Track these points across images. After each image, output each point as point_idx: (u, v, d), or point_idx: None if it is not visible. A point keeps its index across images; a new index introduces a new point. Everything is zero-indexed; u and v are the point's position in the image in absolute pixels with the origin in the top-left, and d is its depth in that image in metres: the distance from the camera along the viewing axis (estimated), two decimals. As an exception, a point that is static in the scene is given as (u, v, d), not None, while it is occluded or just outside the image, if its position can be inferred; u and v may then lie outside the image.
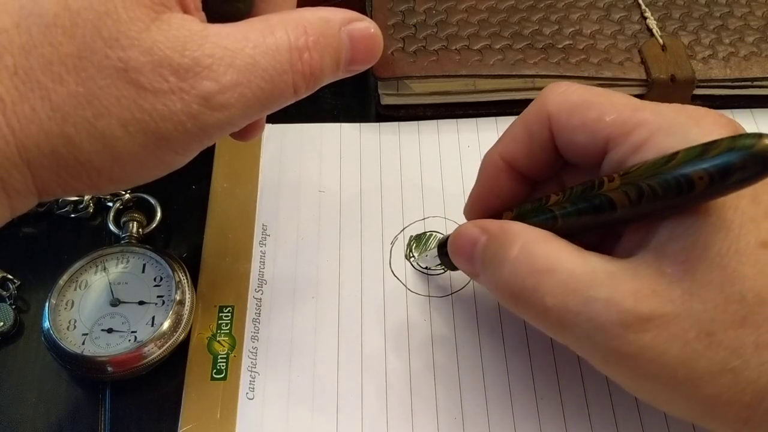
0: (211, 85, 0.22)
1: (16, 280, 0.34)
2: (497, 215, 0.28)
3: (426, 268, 0.34)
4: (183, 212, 0.36)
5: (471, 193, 0.30)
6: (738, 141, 0.20)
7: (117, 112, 0.21)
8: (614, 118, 0.24)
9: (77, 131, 0.21)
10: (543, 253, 0.24)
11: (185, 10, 0.23)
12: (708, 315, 0.21)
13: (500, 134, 0.28)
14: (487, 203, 0.29)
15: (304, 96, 0.25)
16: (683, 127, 0.22)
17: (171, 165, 0.24)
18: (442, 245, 0.30)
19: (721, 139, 0.20)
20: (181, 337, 0.31)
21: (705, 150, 0.20)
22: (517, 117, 0.28)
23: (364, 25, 0.25)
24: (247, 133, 0.30)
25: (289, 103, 0.25)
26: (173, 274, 0.32)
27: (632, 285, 0.22)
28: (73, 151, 0.21)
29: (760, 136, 0.19)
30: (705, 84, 0.38)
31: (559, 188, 0.25)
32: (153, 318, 0.31)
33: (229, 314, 0.33)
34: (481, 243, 0.26)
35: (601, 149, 0.24)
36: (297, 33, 0.24)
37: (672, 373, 0.22)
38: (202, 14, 0.24)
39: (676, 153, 0.21)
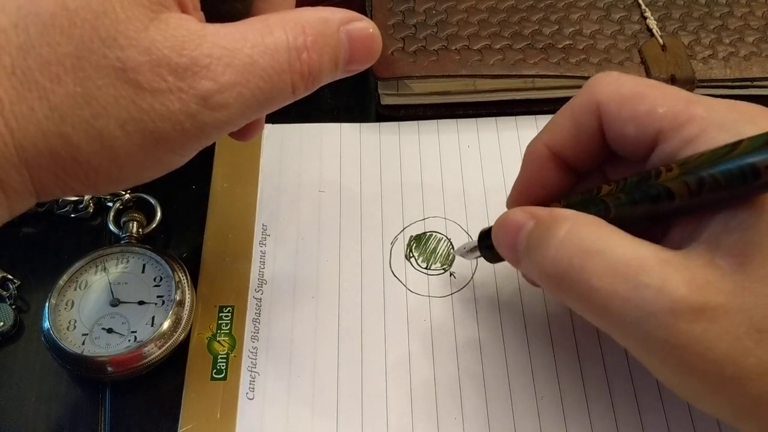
0: (210, 85, 0.22)
1: (16, 280, 0.34)
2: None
3: (427, 267, 0.34)
4: (183, 212, 0.36)
5: (515, 185, 0.29)
6: None
7: (115, 112, 0.21)
8: (666, 111, 0.24)
9: (75, 131, 0.21)
10: (593, 235, 0.23)
11: (183, 10, 0.23)
12: (760, 311, 0.21)
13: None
14: (532, 194, 0.28)
15: (303, 95, 0.25)
16: (737, 124, 0.22)
17: (169, 165, 0.24)
18: (484, 236, 0.29)
19: None
20: (181, 337, 0.31)
21: None
22: (563, 107, 0.27)
23: (363, 25, 0.25)
24: (246, 133, 0.30)
25: (287, 103, 0.25)
26: (173, 274, 0.32)
27: (686, 274, 0.21)
28: (72, 151, 0.21)
29: None
30: (705, 84, 0.38)
31: (602, 180, 0.25)
32: (153, 318, 0.31)
33: (229, 314, 0.33)
34: (527, 227, 0.25)
35: (651, 142, 0.24)
36: (296, 33, 0.23)
37: (719, 369, 0.21)
38: (201, 14, 0.24)
39: (739, 142, 0.21)
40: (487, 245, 0.29)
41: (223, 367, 0.31)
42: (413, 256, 0.35)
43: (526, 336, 0.32)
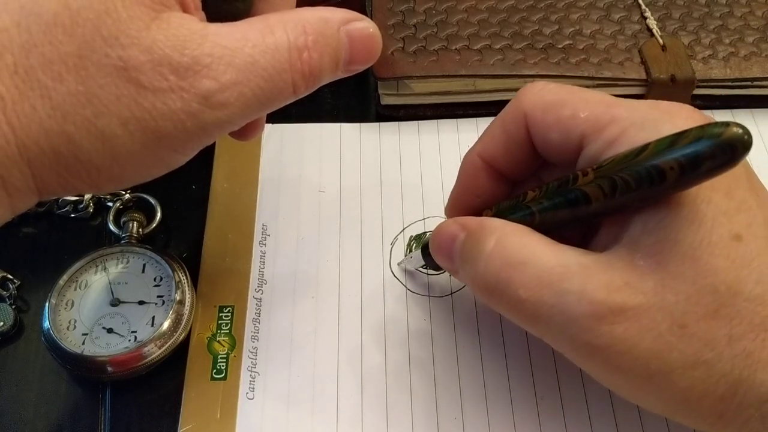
0: (211, 84, 0.22)
1: (16, 280, 0.34)
2: (477, 214, 0.28)
3: (427, 267, 0.34)
4: (183, 212, 0.36)
5: (451, 193, 0.30)
6: (706, 130, 0.20)
7: (117, 111, 0.21)
8: (588, 115, 0.24)
9: (77, 129, 0.21)
10: (517, 247, 0.24)
11: (185, 9, 0.23)
12: (680, 307, 0.21)
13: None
14: (467, 203, 0.29)
15: (303, 95, 0.25)
16: (656, 122, 0.23)
17: (170, 164, 0.24)
18: (426, 245, 0.30)
19: (690, 129, 0.20)
20: (181, 337, 0.31)
21: (675, 140, 0.20)
22: (495, 117, 0.28)
23: (363, 25, 0.26)
24: (247, 133, 0.30)
25: (288, 102, 0.25)
26: (173, 274, 0.32)
27: (605, 277, 0.22)
28: (73, 149, 0.21)
29: (727, 124, 0.19)
30: (705, 84, 0.38)
31: (538, 187, 0.26)
32: (153, 318, 0.31)
33: (229, 314, 0.33)
34: (459, 239, 0.26)
35: (576, 146, 0.25)
36: (296, 32, 0.24)
37: (644, 366, 0.22)
38: (202, 14, 0.24)
39: (647, 145, 0.21)
40: (428, 253, 0.30)
41: (223, 367, 0.31)
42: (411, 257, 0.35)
43: (526, 336, 0.32)
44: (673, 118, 0.23)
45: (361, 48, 0.26)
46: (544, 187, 0.25)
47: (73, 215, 0.36)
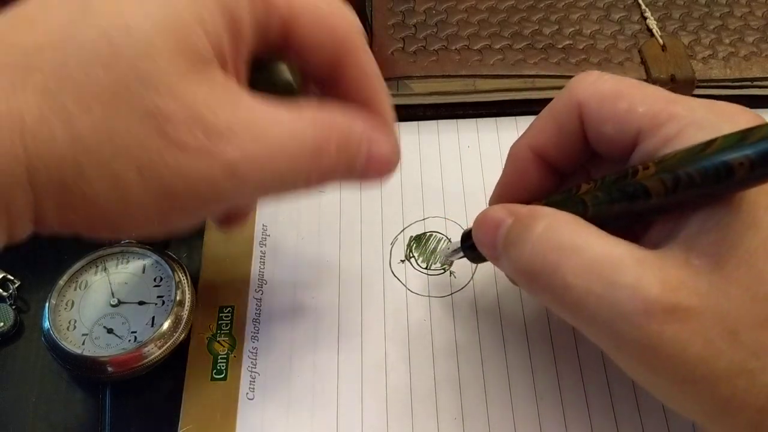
0: (237, 154, 0.21)
1: (16, 280, 0.34)
2: None
3: (427, 267, 0.34)
4: (183, 212, 0.36)
5: (497, 185, 0.29)
6: None
7: (137, 157, 0.20)
8: (646, 110, 0.24)
9: (91, 166, 0.20)
10: (569, 232, 0.23)
11: (224, 68, 0.22)
12: (733, 313, 0.21)
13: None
14: (514, 195, 0.28)
15: (309, 192, 0.25)
16: (716, 123, 0.22)
17: (170, 223, 0.23)
18: (467, 236, 0.29)
19: (760, 126, 0.20)
20: (181, 337, 0.31)
21: (744, 136, 0.20)
22: (545, 108, 0.27)
23: (385, 150, 0.25)
24: (235, 221, 0.29)
25: (292, 193, 0.24)
26: (173, 274, 0.32)
27: (660, 274, 0.21)
28: (83, 185, 0.20)
29: None
30: (705, 84, 0.38)
31: (586, 181, 0.25)
32: (153, 318, 0.31)
33: (229, 314, 0.33)
34: (506, 224, 0.25)
35: (631, 141, 0.24)
36: (324, 134, 0.23)
37: (690, 370, 0.21)
38: (243, 74, 0.23)
39: (714, 140, 0.21)
40: (469, 245, 0.29)
41: (223, 367, 0.31)
42: (413, 256, 0.35)
43: (527, 336, 0.32)
44: (733, 118, 0.22)
45: (374, 170, 0.25)
46: (599, 180, 0.24)
47: (73, 215, 0.36)
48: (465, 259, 0.30)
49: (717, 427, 0.22)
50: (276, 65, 0.24)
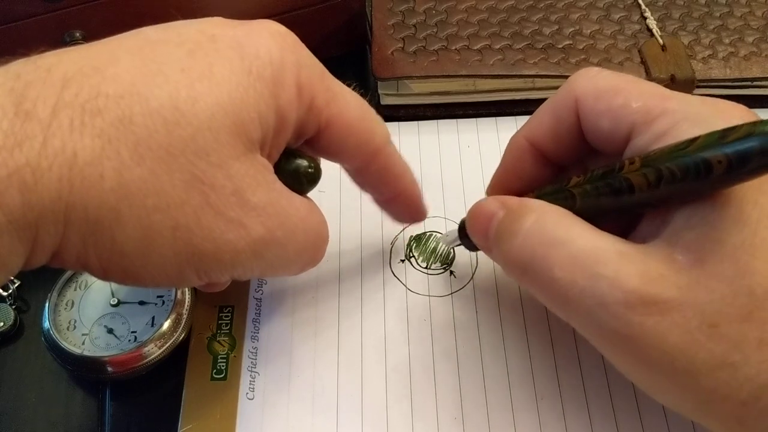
0: (263, 233, 0.23)
1: (16, 280, 0.34)
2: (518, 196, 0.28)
3: (427, 267, 0.34)
4: (183, 212, 0.36)
5: (494, 175, 0.30)
6: (758, 127, 0.19)
7: (175, 215, 0.21)
8: (640, 105, 0.24)
9: (130, 213, 0.21)
10: (556, 226, 0.24)
11: (263, 154, 0.24)
12: (714, 306, 0.21)
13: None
14: (510, 185, 0.29)
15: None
16: (709, 119, 0.22)
17: (181, 282, 0.24)
18: (463, 225, 0.30)
19: (741, 125, 0.20)
20: (181, 337, 0.31)
21: (724, 135, 0.20)
22: (545, 101, 0.28)
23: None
24: (213, 287, 0.30)
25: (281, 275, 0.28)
26: (173, 274, 0.32)
27: (641, 267, 0.22)
28: (115, 229, 0.21)
29: None
30: (705, 84, 0.38)
31: (582, 173, 0.26)
32: (153, 318, 0.31)
33: (229, 314, 0.33)
34: (498, 216, 0.26)
35: (625, 136, 0.24)
36: (326, 233, 0.28)
37: (670, 362, 0.21)
38: (273, 162, 0.25)
39: (697, 138, 0.21)
40: (465, 234, 0.29)
41: (223, 367, 0.31)
42: (413, 255, 0.35)
43: (526, 336, 0.32)
44: (725, 115, 0.23)
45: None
46: (588, 173, 0.24)
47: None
48: (464, 257, 0.31)
49: (704, 420, 0.23)
50: (302, 157, 0.27)
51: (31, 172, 0.19)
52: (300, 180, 0.27)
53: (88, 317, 0.32)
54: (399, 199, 0.30)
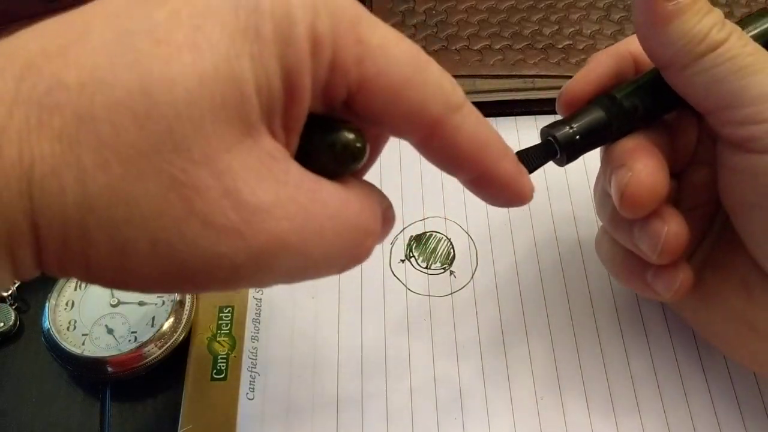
0: (269, 242, 0.18)
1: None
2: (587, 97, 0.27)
3: (427, 267, 0.34)
4: (183, 212, 0.36)
5: (580, 75, 0.28)
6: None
7: (152, 227, 0.17)
8: None
9: (98, 229, 0.17)
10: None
11: (272, 132, 0.19)
12: None
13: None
14: (598, 83, 0.28)
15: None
16: None
17: (174, 291, 0.22)
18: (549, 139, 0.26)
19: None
20: (181, 337, 0.31)
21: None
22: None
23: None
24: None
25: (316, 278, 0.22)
26: (173, 274, 0.32)
27: None
28: (85, 247, 0.18)
29: None
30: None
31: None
32: (153, 318, 0.31)
33: (229, 314, 0.33)
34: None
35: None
36: (368, 225, 0.21)
37: None
38: (294, 138, 0.20)
39: None
40: (553, 149, 0.26)
41: (223, 367, 0.31)
42: (413, 255, 0.35)
43: (526, 336, 0.32)
44: None
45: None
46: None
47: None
48: (464, 257, 0.30)
49: None
50: (335, 127, 0.20)
51: None
52: (334, 157, 0.20)
53: (88, 317, 0.32)
54: (484, 179, 0.23)
